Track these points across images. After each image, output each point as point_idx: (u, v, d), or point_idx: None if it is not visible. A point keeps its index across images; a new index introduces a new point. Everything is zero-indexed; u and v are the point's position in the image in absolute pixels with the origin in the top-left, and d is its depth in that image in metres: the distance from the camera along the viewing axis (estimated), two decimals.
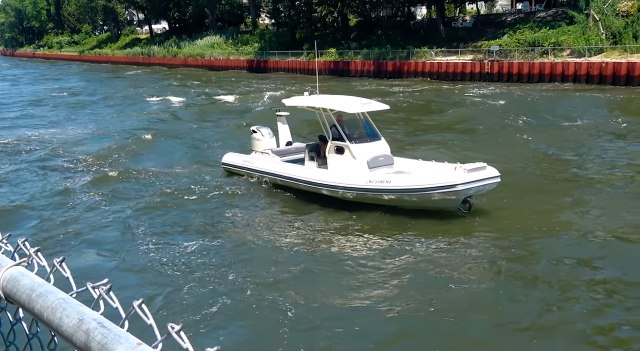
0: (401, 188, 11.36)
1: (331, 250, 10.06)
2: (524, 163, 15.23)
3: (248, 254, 9.94)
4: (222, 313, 7.81)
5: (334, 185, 12.28)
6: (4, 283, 1.35)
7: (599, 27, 34.30)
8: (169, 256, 9.84)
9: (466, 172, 10.83)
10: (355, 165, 12.25)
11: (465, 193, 10.94)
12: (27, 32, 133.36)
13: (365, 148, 12.48)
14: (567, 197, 12.21)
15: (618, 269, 8.73)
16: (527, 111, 23.35)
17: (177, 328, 1.04)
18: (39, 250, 1.44)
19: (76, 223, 11.82)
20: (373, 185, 11.62)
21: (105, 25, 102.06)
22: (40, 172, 16.38)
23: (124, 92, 40.39)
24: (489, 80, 36.25)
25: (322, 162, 13.23)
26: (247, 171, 14.57)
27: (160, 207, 12.66)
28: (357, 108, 12.94)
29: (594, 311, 7.62)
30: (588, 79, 31.90)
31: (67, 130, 24.09)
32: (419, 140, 19.22)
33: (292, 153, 14.64)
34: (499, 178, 11.11)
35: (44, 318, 1.22)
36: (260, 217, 12.09)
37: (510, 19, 43.87)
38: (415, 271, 8.98)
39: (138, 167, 16.47)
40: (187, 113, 28.15)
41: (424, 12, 54.47)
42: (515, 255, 9.47)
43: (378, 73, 44.30)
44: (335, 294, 8.30)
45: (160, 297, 8.27)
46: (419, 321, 7.56)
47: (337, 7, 48.66)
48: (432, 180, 11.08)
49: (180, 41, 71.60)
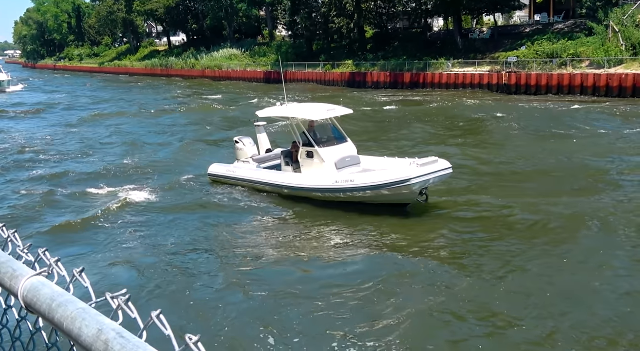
0: (363, 186, 12.40)
1: (304, 251, 10.82)
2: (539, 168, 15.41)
3: (227, 256, 10.64)
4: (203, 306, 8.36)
5: (306, 187, 13.38)
6: (25, 292, 1.37)
7: (618, 39, 33.99)
8: (150, 249, 10.67)
9: (419, 167, 11.81)
10: (324, 167, 13.30)
11: (420, 185, 11.88)
12: (49, 44, 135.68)
13: (332, 151, 13.54)
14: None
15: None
16: (545, 122, 23.17)
17: (195, 339, 1.04)
18: (59, 260, 1.45)
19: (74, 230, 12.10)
20: (339, 185, 12.74)
21: (125, 38, 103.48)
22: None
23: (138, 102, 40.84)
24: (507, 92, 36.03)
25: (296, 166, 14.17)
26: (230, 180, 15.44)
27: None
28: (322, 115, 13.97)
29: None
30: (608, 90, 31.56)
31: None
32: (434, 149, 19.13)
33: (272, 159, 15.61)
34: (451, 170, 12.17)
35: (64, 328, 1.23)
36: (242, 221, 12.75)
37: (528, 31, 43.60)
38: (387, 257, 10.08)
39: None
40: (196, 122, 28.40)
41: (441, 24, 54.40)
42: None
43: (395, 84, 44.26)
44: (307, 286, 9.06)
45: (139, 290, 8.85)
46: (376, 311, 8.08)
47: (354, 19, 48.83)
48: (389, 177, 12.07)
49: (198, 53, 72.31)
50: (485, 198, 13.25)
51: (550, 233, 10.79)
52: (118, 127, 29.04)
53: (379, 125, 25.45)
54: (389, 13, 51.54)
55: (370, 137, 22.42)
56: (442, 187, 13.54)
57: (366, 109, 30.79)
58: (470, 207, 12.69)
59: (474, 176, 15.50)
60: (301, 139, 13.85)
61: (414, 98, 36.71)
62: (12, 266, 1.47)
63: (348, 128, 15.57)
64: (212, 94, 46.61)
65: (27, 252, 1.58)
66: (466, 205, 12.81)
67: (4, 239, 1.68)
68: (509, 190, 13.94)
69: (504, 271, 9.37)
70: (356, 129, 23.99)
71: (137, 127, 29.21)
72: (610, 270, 9.13)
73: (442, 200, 13.14)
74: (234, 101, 40.16)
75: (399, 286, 8.82)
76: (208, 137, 24.68)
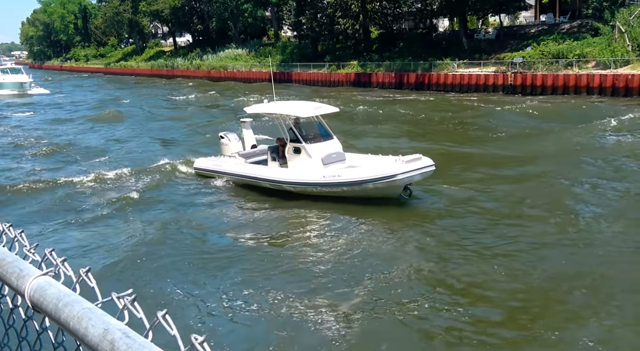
0: (350, 181, 12.85)
1: (288, 242, 11.15)
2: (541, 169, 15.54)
3: (214, 248, 10.90)
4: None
5: (294, 181, 13.74)
6: (32, 292, 1.37)
7: (624, 39, 33.86)
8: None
9: (404, 163, 12.28)
10: (311, 162, 13.60)
11: (405, 181, 12.43)
12: (55, 45, 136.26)
13: (319, 147, 13.87)
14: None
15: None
16: (553, 121, 23.12)
17: (201, 340, 1.05)
18: (66, 260, 1.46)
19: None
20: (326, 180, 13.13)
21: (131, 38, 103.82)
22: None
23: (146, 103, 40.94)
24: (512, 92, 35.95)
25: (282, 161, 14.47)
26: (217, 174, 15.72)
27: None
28: (310, 112, 14.32)
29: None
30: (614, 91, 31.45)
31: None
32: (439, 149, 19.14)
33: (257, 155, 15.85)
34: (433, 167, 12.63)
35: (70, 328, 1.23)
36: (227, 213, 13.16)
37: (533, 31, 43.48)
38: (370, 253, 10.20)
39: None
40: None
41: (446, 24, 54.33)
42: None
43: (400, 85, 44.23)
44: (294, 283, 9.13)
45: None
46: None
47: (360, 20, 48.83)
48: (376, 172, 12.57)
49: (204, 53, 72.46)
50: (484, 196, 13.45)
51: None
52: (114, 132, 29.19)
53: (383, 125, 25.41)
54: (394, 13, 51.50)
55: (371, 135, 22.45)
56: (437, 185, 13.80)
57: (369, 109, 30.77)
58: (465, 204, 12.93)
59: (471, 173, 15.68)
60: (288, 135, 14.20)
61: (418, 99, 36.67)
62: (18, 266, 1.47)
63: (349, 128, 15.65)
64: (216, 93, 46.65)
65: (34, 251, 1.59)
66: (463, 203, 13.00)
67: (10, 239, 1.69)
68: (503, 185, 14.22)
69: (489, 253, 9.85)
70: (357, 128, 24.08)
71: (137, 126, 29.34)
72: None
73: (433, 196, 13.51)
74: (235, 99, 40.18)
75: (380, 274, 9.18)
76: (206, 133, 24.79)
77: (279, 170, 14.36)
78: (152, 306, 7.22)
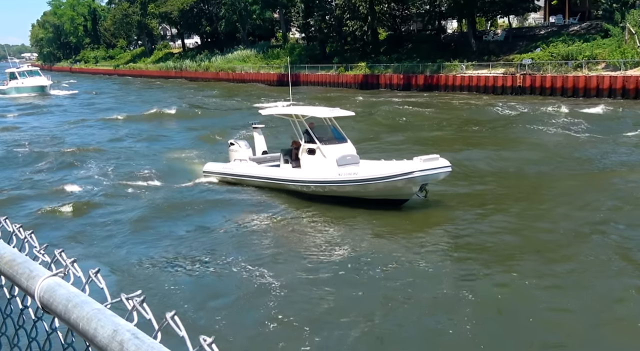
0: (367, 178, 12.73)
1: (300, 241, 11.32)
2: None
3: (235, 243, 11.08)
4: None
5: (308, 180, 13.76)
6: (41, 293, 1.38)
7: (635, 41, 33.65)
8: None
9: (422, 161, 12.17)
10: (326, 163, 13.56)
11: (422, 179, 12.26)
12: (65, 47, 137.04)
13: (334, 148, 13.86)
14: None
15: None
16: (561, 124, 23.00)
17: (209, 341, 1.05)
18: (75, 261, 1.46)
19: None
20: (342, 177, 13.07)
21: (140, 40, 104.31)
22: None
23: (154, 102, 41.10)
24: (521, 94, 35.79)
25: (295, 164, 14.47)
26: (229, 176, 15.84)
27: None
28: (326, 113, 14.50)
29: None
30: (624, 92, 31.25)
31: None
32: (445, 150, 19.08)
33: (268, 161, 15.93)
34: (450, 168, 12.46)
35: (80, 329, 1.24)
36: (242, 213, 13.32)
37: (543, 32, 43.29)
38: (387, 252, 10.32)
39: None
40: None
41: (454, 26, 54.20)
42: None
43: (408, 86, 44.16)
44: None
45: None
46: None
47: (368, 22, 48.81)
48: (393, 169, 12.53)
49: (212, 55, 72.68)
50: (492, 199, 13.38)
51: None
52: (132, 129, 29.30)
53: (390, 127, 25.37)
54: (402, 15, 51.47)
55: (379, 139, 22.40)
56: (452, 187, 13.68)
57: (378, 111, 30.72)
58: (475, 207, 12.89)
59: (482, 177, 15.53)
60: (303, 137, 14.19)
61: (427, 100, 36.56)
62: (28, 267, 1.48)
63: (354, 128, 15.61)
64: (224, 96, 46.75)
65: (44, 252, 1.60)
66: (472, 205, 12.95)
67: (20, 240, 1.70)
68: (519, 191, 14.06)
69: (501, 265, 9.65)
70: (363, 130, 24.02)
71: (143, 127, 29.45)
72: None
73: (447, 197, 13.42)
74: (245, 101, 40.25)
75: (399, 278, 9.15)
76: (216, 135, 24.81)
77: (292, 170, 14.32)
78: (161, 308, 7.24)
